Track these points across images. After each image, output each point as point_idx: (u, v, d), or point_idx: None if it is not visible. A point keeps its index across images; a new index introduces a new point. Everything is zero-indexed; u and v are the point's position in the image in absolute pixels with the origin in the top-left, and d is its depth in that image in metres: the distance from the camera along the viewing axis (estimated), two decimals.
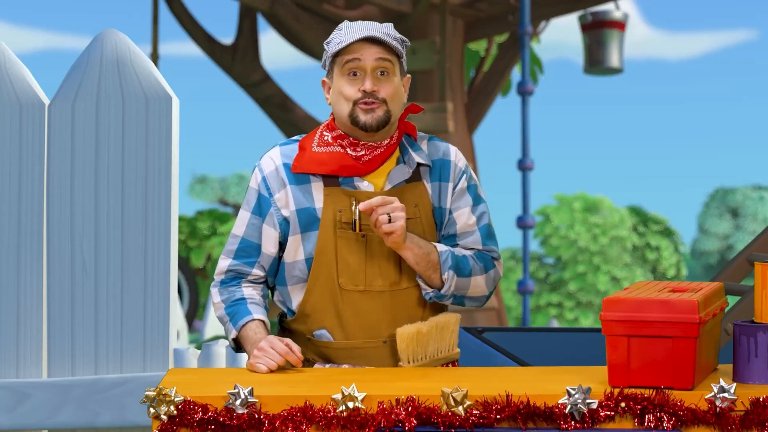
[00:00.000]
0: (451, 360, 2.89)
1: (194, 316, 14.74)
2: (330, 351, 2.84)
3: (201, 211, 21.02)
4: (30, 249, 3.32)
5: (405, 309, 2.83)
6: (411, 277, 2.84)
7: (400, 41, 2.85)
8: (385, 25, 2.84)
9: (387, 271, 2.81)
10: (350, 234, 2.80)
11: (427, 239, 2.85)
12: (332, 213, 2.80)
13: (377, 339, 2.82)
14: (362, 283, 2.80)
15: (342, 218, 2.80)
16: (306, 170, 2.82)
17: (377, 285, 2.81)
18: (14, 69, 3.35)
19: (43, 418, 3.28)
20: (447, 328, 2.84)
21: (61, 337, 3.32)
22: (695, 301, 2.42)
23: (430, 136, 2.97)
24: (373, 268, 2.81)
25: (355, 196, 2.81)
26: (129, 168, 3.31)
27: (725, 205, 40.90)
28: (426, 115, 9.71)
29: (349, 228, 2.80)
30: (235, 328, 2.83)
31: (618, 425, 2.40)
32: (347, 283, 2.80)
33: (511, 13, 11.17)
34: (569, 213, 28.80)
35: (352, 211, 2.80)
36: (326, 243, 2.80)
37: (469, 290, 2.88)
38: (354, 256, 2.80)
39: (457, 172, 2.92)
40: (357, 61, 2.78)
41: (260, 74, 11.20)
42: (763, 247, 3.97)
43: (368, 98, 2.78)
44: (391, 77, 2.82)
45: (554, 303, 28.16)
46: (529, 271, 9.47)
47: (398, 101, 2.84)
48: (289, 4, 10.52)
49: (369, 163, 2.83)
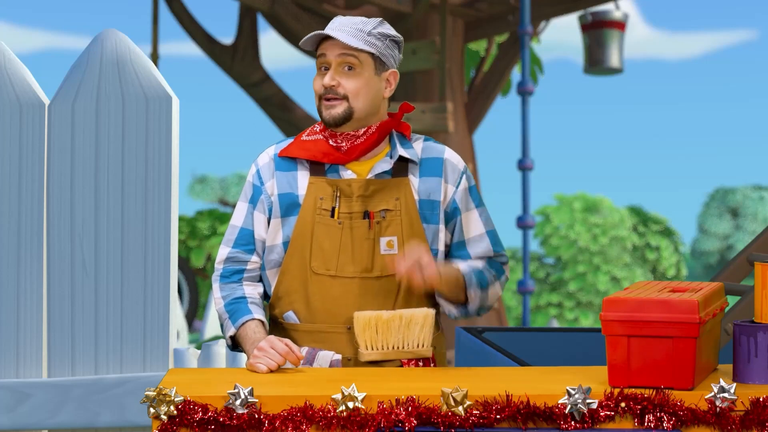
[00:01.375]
0: (420, 356, 2.85)
1: (194, 316, 14.74)
2: (296, 334, 2.89)
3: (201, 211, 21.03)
4: (30, 249, 3.32)
5: (374, 297, 2.86)
6: (384, 267, 2.87)
7: (383, 37, 2.87)
8: (362, 21, 2.87)
9: (359, 258, 2.86)
10: (328, 220, 2.86)
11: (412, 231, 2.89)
12: (313, 200, 2.87)
13: (342, 325, 2.85)
14: (333, 268, 2.85)
15: (322, 205, 2.87)
16: (291, 154, 2.91)
17: (348, 271, 2.85)
18: (14, 69, 3.35)
19: (43, 418, 3.28)
20: (415, 322, 2.82)
21: (61, 337, 3.32)
22: (695, 301, 2.42)
23: (427, 137, 3.00)
24: (346, 254, 2.86)
25: (337, 185, 2.87)
26: (129, 168, 3.31)
27: (725, 205, 40.89)
28: (426, 115, 9.71)
29: (327, 214, 2.86)
30: (234, 326, 2.85)
31: (618, 425, 2.40)
32: (319, 267, 2.86)
33: (511, 13, 11.17)
34: (569, 213, 28.80)
35: (333, 198, 2.86)
36: (304, 227, 2.87)
37: (488, 300, 2.98)
38: (329, 242, 2.86)
39: (457, 173, 2.95)
40: (323, 57, 2.86)
41: (260, 74, 11.20)
42: (763, 247, 3.97)
43: (328, 93, 2.86)
44: (358, 72, 2.85)
45: (554, 303, 28.17)
46: (529, 271, 9.47)
47: (364, 97, 2.86)
48: (289, 4, 10.52)
49: (348, 151, 2.89)
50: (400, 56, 2.95)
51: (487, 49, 12.13)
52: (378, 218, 2.87)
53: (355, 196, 2.86)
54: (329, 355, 2.85)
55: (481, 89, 11.52)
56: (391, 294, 2.87)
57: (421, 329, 2.83)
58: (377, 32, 2.86)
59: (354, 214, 2.86)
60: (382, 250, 2.87)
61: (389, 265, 2.87)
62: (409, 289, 2.89)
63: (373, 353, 2.80)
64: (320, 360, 2.86)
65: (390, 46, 2.89)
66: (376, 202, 2.87)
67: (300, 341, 2.89)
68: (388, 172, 2.91)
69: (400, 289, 2.88)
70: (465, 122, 11.13)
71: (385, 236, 2.87)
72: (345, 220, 2.86)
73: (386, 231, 2.87)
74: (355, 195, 2.86)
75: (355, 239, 2.86)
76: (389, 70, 2.90)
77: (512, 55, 11.57)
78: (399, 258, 2.76)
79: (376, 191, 2.88)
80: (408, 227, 2.89)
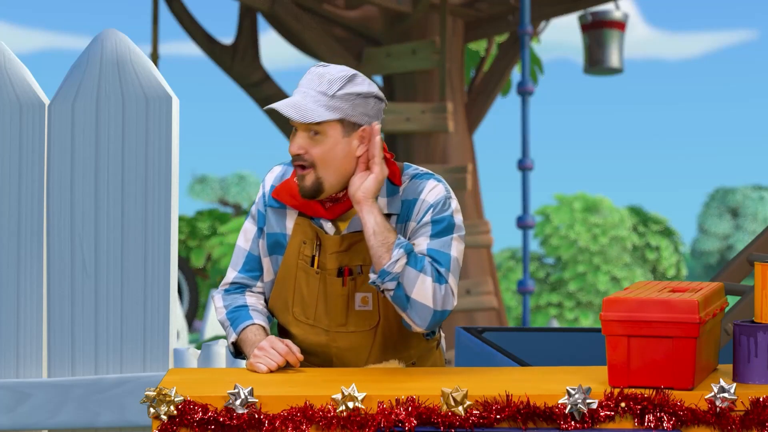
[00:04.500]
0: None
1: (194, 316, 14.74)
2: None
3: (201, 211, 21.02)
4: (30, 249, 3.32)
5: (348, 350, 2.86)
6: (358, 322, 2.83)
7: (350, 97, 2.72)
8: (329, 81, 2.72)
9: (333, 313, 2.83)
10: (308, 268, 2.83)
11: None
12: (298, 243, 2.84)
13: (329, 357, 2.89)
14: (311, 318, 2.85)
15: (304, 251, 2.83)
16: (281, 199, 2.85)
17: (324, 323, 2.84)
18: (14, 69, 3.35)
19: (43, 418, 3.28)
20: None
21: (61, 337, 3.32)
22: (695, 301, 2.42)
23: (419, 174, 2.84)
24: (322, 306, 2.84)
25: (317, 233, 2.82)
26: (129, 168, 3.31)
27: (725, 205, 40.89)
28: (426, 115, 9.71)
29: (309, 261, 2.83)
30: (235, 331, 2.85)
31: (618, 425, 2.40)
32: (300, 314, 2.87)
33: (511, 13, 11.17)
34: (569, 213, 28.81)
35: (314, 246, 2.82)
36: (287, 272, 2.86)
37: (415, 290, 2.67)
38: (308, 290, 2.84)
39: (423, 208, 2.77)
40: (293, 121, 2.74)
41: (260, 74, 11.20)
42: (763, 247, 3.97)
43: (296, 161, 2.74)
44: (323, 139, 2.71)
45: (554, 303, 28.17)
46: (529, 271, 9.47)
47: (332, 161, 2.72)
48: (289, 4, 10.52)
49: (330, 210, 2.81)
50: (378, 107, 2.77)
51: (487, 49, 12.13)
52: (354, 274, 2.81)
53: (329, 253, 2.80)
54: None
55: (481, 89, 11.52)
56: (363, 350, 2.86)
57: None
58: (343, 93, 2.70)
59: (329, 270, 2.81)
60: (357, 306, 2.82)
61: (363, 321, 2.83)
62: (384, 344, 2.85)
63: None
64: None
65: (360, 104, 2.72)
66: (352, 256, 2.80)
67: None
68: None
69: (374, 344, 2.85)
70: (465, 122, 11.13)
71: (360, 292, 2.81)
72: (322, 272, 2.83)
73: (361, 287, 2.81)
74: (329, 252, 2.80)
75: (329, 295, 2.82)
76: (360, 128, 2.73)
77: (512, 55, 11.57)
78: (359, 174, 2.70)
79: (352, 244, 2.80)
80: None
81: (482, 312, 10.56)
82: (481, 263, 10.82)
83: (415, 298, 2.67)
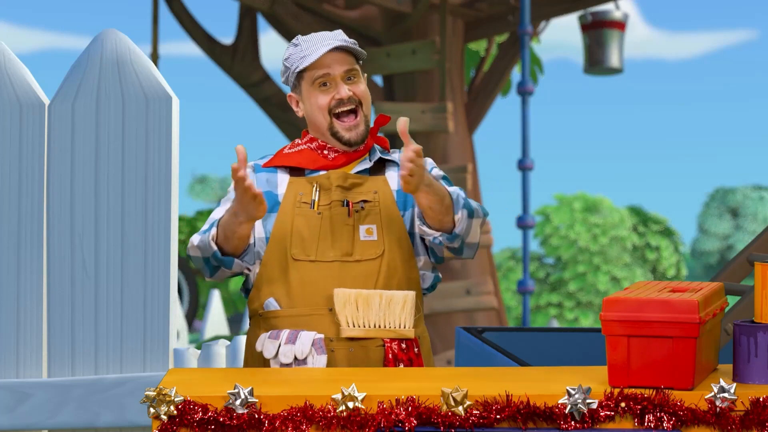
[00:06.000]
0: (402, 337, 2.90)
1: (194, 316, 14.73)
2: (277, 320, 2.92)
3: (201, 211, 21.02)
4: (30, 249, 3.32)
5: (353, 281, 2.90)
6: (363, 252, 2.91)
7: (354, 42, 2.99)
8: (339, 32, 3.00)
9: (339, 243, 2.91)
10: (308, 211, 2.93)
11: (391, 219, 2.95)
12: (293, 195, 2.95)
13: (323, 307, 2.89)
14: (313, 254, 2.91)
15: (302, 199, 2.94)
16: (275, 164, 3.00)
17: (328, 256, 2.91)
18: (14, 69, 3.35)
19: (43, 418, 3.28)
20: (396, 302, 2.87)
21: (61, 337, 3.32)
22: (695, 301, 2.42)
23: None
24: (326, 240, 2.91)
25: (316, 180, 2.95)
26: (129, 168, 3.31)
27: (725, 205, 40.89)
28: (426, 115, 9.71)
29: (307, 206, 2.93)
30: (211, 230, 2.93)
31: (618, 425, 2.40)
32: (299, 254, 2.91)
33: (511, 13, 11.17)
34: (569, 213, 28.80)
35: (312, 193, 2.93)
36: (284, 220, 2.93)
37: (470, 235, 2.94)
38: (308, 230, 2.92)
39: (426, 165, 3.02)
40: (326, 75, 2.93)
41: (260, 74, 11.20)
42: (763, 247, 3.97)
43: (346, 105, 2.94)
44: (359, 78, 2.98)
45: (554, 303, 28.16)
46: (529, 271, 9.47)
47: (369, 102, 3.00)
48: (289, 4, 10.52)
49: (335, 159, 2.98)
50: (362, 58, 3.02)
51: (487, 49, 12.13)
52: (357, 208, 2.94)
53: (334, 187, 2.94)
54: (311, 335, 2.87)
55: (481, 89, 11.52)
56: (370, 278, 2.91)
57: (401, 309, 2.87)
58: (354, 41, 2.97)
59: (333, 203, 2.93)
60: (362, 236, 2.92)
61: (369, 250, 2.92)
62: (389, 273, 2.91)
63: (354, 330, 2.85)
64: (302, 339, 2.87)
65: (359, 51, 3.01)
66: (355, 194, 2.95)
67: (281, 327, 2.93)
68: (366, 170, 3.01)
69: (380, 273, 2.91)
70: (465, 122, 11.13)
71: (365, 224, 2.93)
72: (324, 210, 2.93)
73: (365, 220, 2.94)
74: (334, 186, 2.94)
75: (335, 226, 2.92)
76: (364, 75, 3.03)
77: (512, 55, 11.57)
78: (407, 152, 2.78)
79: (354, 185, 2.96)
80: (387, 216, 2.95)
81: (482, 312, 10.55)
82: (481, 263, 10.82)
83: (470, 242, 2.96)
